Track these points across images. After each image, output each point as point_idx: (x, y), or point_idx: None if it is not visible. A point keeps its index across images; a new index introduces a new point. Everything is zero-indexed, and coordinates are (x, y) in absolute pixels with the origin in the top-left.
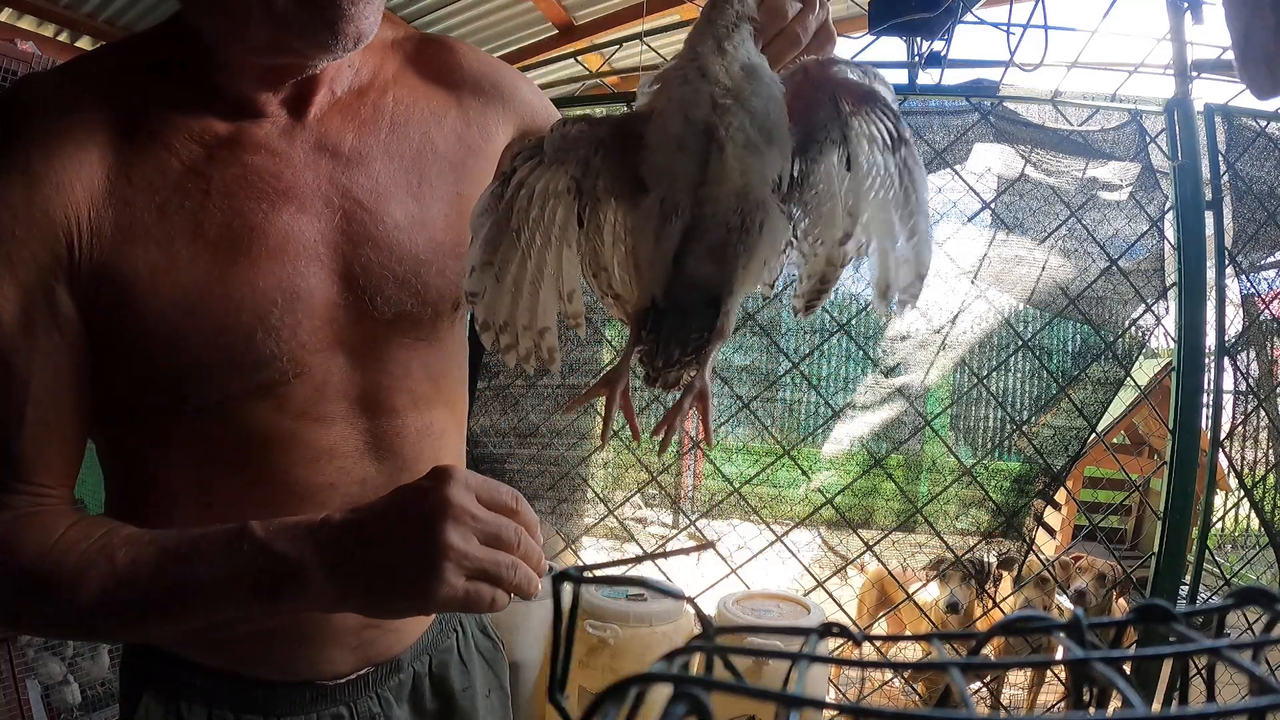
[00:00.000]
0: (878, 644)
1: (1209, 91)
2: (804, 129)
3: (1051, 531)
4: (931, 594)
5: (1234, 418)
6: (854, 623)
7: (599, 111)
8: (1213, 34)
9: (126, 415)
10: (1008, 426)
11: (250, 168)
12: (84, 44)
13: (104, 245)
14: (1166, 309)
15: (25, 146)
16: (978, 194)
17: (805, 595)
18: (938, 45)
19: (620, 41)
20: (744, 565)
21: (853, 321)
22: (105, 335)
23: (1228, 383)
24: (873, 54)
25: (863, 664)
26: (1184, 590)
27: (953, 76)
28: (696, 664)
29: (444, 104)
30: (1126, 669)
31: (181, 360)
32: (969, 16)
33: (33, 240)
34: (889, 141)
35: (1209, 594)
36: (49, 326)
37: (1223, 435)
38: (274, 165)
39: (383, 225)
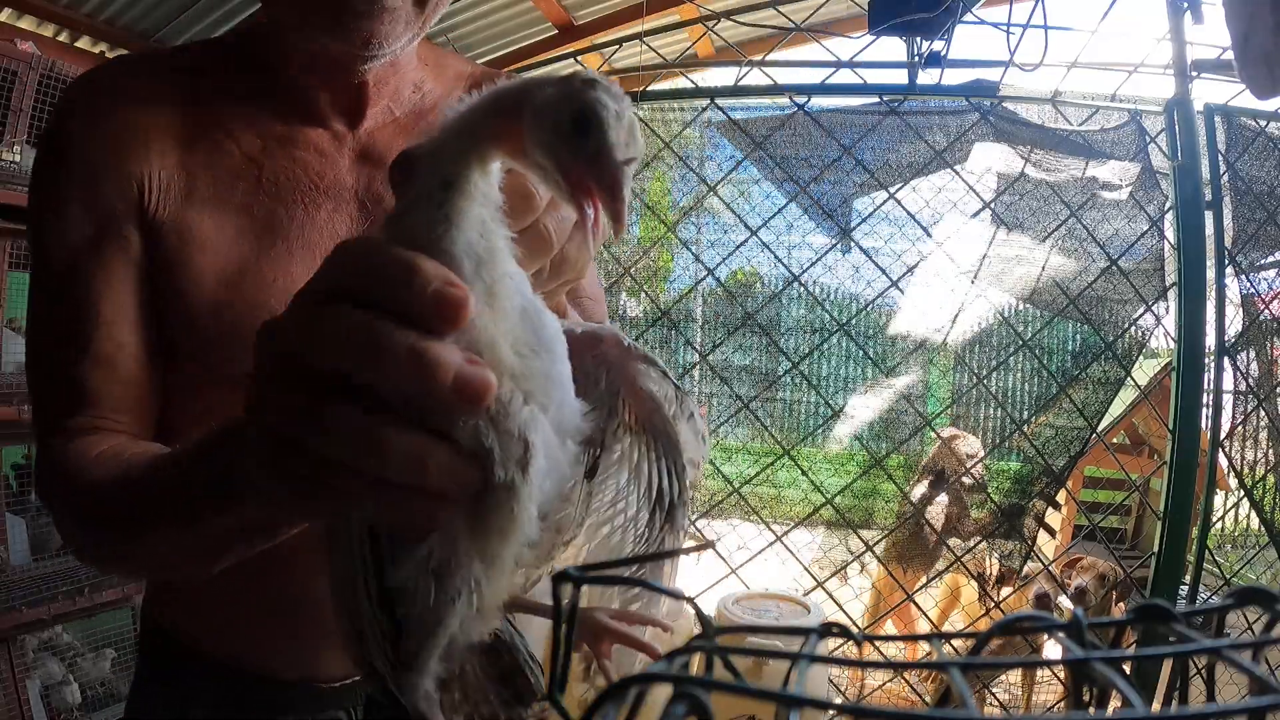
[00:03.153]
0: (877, 644)
1: (1209, 91)
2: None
3: (1051, 531)
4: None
5: (1234, 418)
6: (854, 623)
7: None
8: (1213, 34)
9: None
10: (1008, 426)
11: (299, 163)
12: (84, 44)
13: (169, 203)
14: (1166, 309)
15: (101, 111)
16: (978, 194)
17: (805, 595)
18: (938, 45)
19: (620, 41)
20: (744, 565)
21: (853, 321)
22: (157, 290)
23: (1228, 383)
24: (873, 54)
25: (863, 664)
26: (1184, 590)
27: (953, 76)
28: (696, 664)
29: None
30: (1126, 669)
31: (217, 328)
32: (969, 16)
33: (110, 185)
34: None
35: (1209, 594)
36: (125, 258)
37: (1223, 435)
38: (319, 165)
39: None
